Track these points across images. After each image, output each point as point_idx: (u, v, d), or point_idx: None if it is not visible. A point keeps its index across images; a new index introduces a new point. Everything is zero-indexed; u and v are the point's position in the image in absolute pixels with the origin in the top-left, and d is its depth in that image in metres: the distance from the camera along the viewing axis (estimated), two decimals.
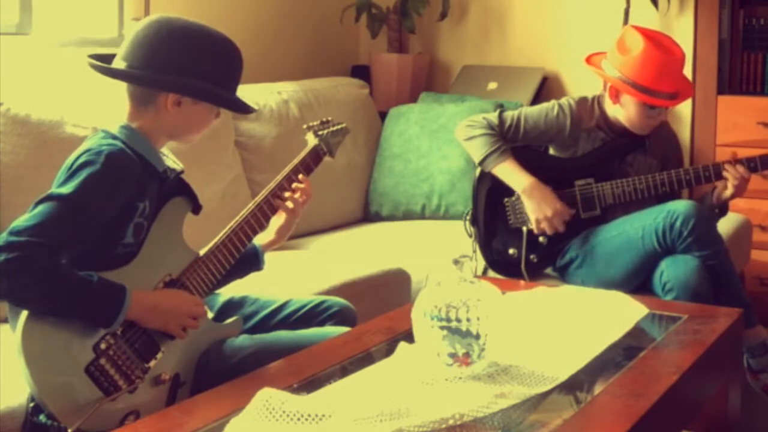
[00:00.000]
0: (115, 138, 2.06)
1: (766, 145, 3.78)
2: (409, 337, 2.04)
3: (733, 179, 3.01)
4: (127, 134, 2.07)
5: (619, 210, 3.11)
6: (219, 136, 3.30)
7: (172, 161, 2.20)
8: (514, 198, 3.14)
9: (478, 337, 1.90)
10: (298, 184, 2.33)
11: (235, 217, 2.25)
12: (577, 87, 4.16)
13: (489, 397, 1.81)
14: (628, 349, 2.16)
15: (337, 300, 2.43)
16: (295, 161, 2.35)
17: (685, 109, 4.07)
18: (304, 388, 1.91)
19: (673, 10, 4.08)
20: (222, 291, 2.37)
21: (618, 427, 1.74)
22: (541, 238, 3.12)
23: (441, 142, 3.82)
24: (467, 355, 1.90)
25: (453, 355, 1.91)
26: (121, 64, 2.08)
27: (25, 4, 3.17)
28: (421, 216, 3.83)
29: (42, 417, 1.90)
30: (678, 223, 2.89)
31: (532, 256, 3.13)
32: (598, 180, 3.12)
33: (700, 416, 2.35)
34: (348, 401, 1.78)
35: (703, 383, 2.21)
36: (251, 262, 2.34)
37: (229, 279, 2.29)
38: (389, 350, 2.11)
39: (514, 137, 3.17)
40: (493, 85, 4.27)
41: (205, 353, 2.16)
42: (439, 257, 3.26)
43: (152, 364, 2.04)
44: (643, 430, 1.76)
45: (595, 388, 1.94)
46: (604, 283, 2.94)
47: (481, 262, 3.20)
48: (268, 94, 3.63)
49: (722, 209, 3.14)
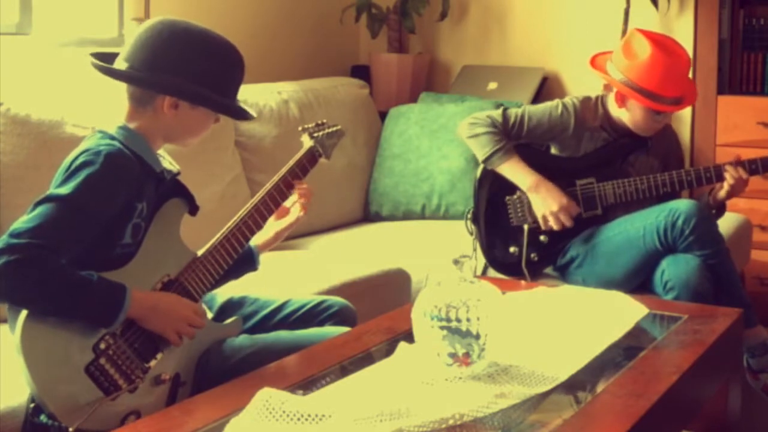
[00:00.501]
0: (113, 138, 2.06)
1: (766, 145, 3.78)
2: (409, 337, 2.04)
3: (731, 179, 3.02)
4: (125, 135, 2.08)
5: (620, 210, 3.11)
6: (219, 137, 3.30)
7: (169, 162, 2.20)
8: (516, 196, 3.14)
9: (478, 337, 1.90)
10: (300, 186, 2.33)
11: (233, 218, 2.25)
12: (577, 87, 4.16)
13: (489, 397, 1.81)
14: (628, 349, 2.16)
15: (337, 300, 2.43)
16: (291, 162, 2.35)
17: (685, 110, 4.07)
18: (304, 388, 1.90)
19: (673, 10, 4.08)
20: (222, 291, 2.37)
21: (618, 427, 1.74)
22: (542, 237, 3.12)
23: (441, 142, 3.82)
24: (467, 355, 1.90)
25: (453, 355, 1.91)
26: (123, 65, 2.08)
27: (25, 4, 3.17)
28: (421, 216, 3.83)
29: (42, 417, 1.90)
30: (679, 222, 2.89)
31: (532, 255, 3.13)
32: (600, 180, 3.12)
33: (700, 416, 2.35)
34: (348, 401, 1.78)
35: (703, 383, 2.21)
36: (246, 262, 2.34)
37: (225, 279, 2.29)
38: (389, 350, 2.11)
39: (517, 135, 3.17)
40: (493, 85, 4.27)
41: (205, 353, 2.16)
42: (439, 257, 3.26)
43: (152, 364, 2.04)
44: (643, 430, 1.76)
45: (595, 388, 1.94)
46: (605, 282, 2.94)
47: (482, 260, 3.20)
48: (268, 94, 3.63)
49: (719, 209, 3.14)
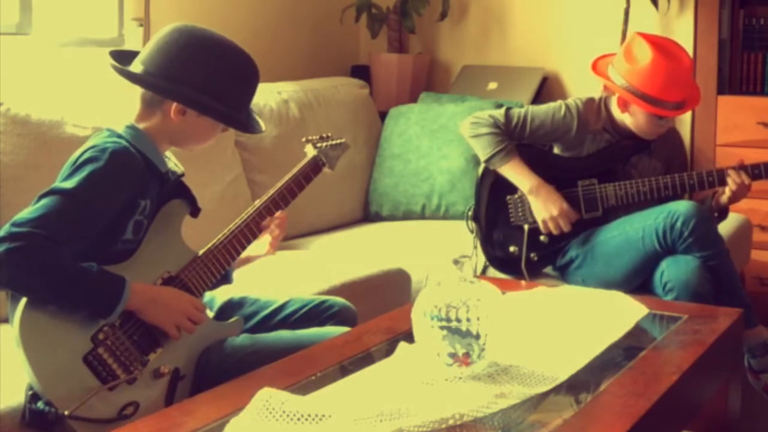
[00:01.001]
0: (120, 137, 2.09)
1: (766, 145, 3.78)
2: (409, 337, 2.04)
3: (733, 184, 3.02)
4: (132, 134, 2.11)
5: (621, 211, 3.11)
6: (219, 137, 3.25)
7: (174, 164, 2.23)
8: (517, 196, 3.14)
9: (478, 337, 1.90)
10: (278, 215, 2.32)
11: (236, 219, 2.27)
12: (577, 87, 4.16)
13: (489, 397, 1.81)
14: (628, 349, 2.16)
15: (337, 300, 2.44)
16: (295, 170, 2.38)
17: None
18: (304, 388, 1.90)
19: (673, 10, 4.08)
20: (222, 291, 2.37)
21: (618, 427, 1.74)
22: (542, 237, 3.12)
23: (441, 142, 3.82)
24: (467, 355, 1.90)
25: (453, 355, 1.91)
26: (139, 67, 2.12)
27: (25, 4, 3.17)
28: (421, 216, 3.83)
29: (40, 404, 1.92)
30: (679, 224, 2.89)
31: (532, 255, 3.13)
32: (602, 181, 3.12)
33: (700, 416, 2.35)
34: (348, 401, 1.78)
35: (703, 383, 2.21)
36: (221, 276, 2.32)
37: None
38: (389, 350, 2.11)
39: (519, 135, 3.17)
40: (493, 85, 4.27)
41: (206, 352, 2.17)
42: (439, 257, 3.26)
43: (151, 357, 2.06)
44: (643, 430, 1.76)
45: (595, 388, 1.94)
46: (605, 283, 2.94)
47: (482, 259, 3.20)
48: (268, 94, 3.63)
49: (722, 213, 3.14)
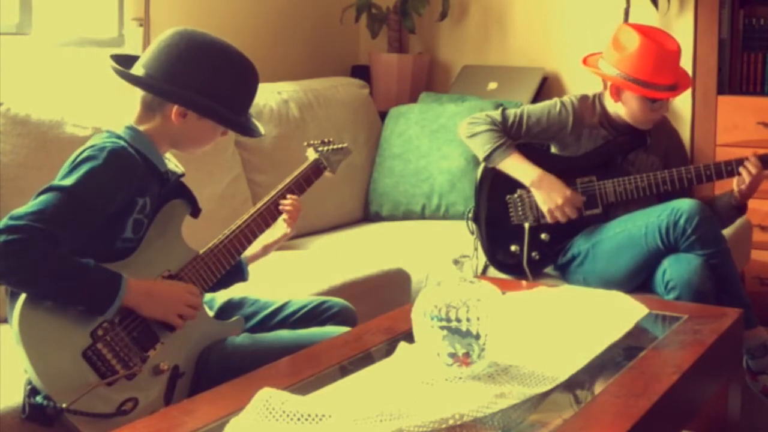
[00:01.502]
0: (120, 138, 2.11)
1: (766, 145, 3.78)
2: (409, 337, 2.04)
3: (746, 176, 3.00)
4: (132, 135, 2.12)
5: (620, 208, 3.11)
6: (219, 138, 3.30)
7: (174, 165, 2.24)
8: (516, 195, 3.14)
9: (478, 337, 1.90)
10: (285, 202, 2.35)
11: (237, 220, 2.28)
12: (577, 87, 4.16)
13: (489, 397, 1.81)
14: (628, 349, 2.16)
15: (337, 300, 2.44)
16: (297, 172, 2.40)
17: (685, 109, 4.07)
18: (304, 388, 1.90)
19: (673, 10, 4.08)
20: (222, 292, 2.38)
21: (618, 427, 1.74)
22: (543, 236, 3.12)
23: (441, 142, 3.82)
24: (467, 355, 1.90)
25: (453, 355, 1.91)
26: (140, 70, 2.14)
27: (25, 4, 3.17)
28: (421, 216, 3.83)
29: (39, 398, 1.92)
30: (682, 221, 2.89)
31: (533, 254, 3.13)
32: (600, 178, 3.12)
33: (700, 416, 2.35)
34: (348, 401, 1.78)
35: (703, 383, 2.21)
36: (236, 272, 2.35)
37: (216, 288, 2.30)
38: (389, 350, 2.11)
39: (516, 134, 3.17)
40: (493, 85, 4.27)
41: (206, 351, 2.18)
42: (439, 257, 3.26)
43: (151, 353, 2.07)
44: (643, 430, 1.76)
45: (595, 388, 1.94)
46: (606, 281, 2.94)
47: (482, 260, 3.20)
48: (268, 94, 3.63)
49: (740, 209, 3.14)
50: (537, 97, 4.14)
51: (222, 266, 2.22)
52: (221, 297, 2.39)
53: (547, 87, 4.27)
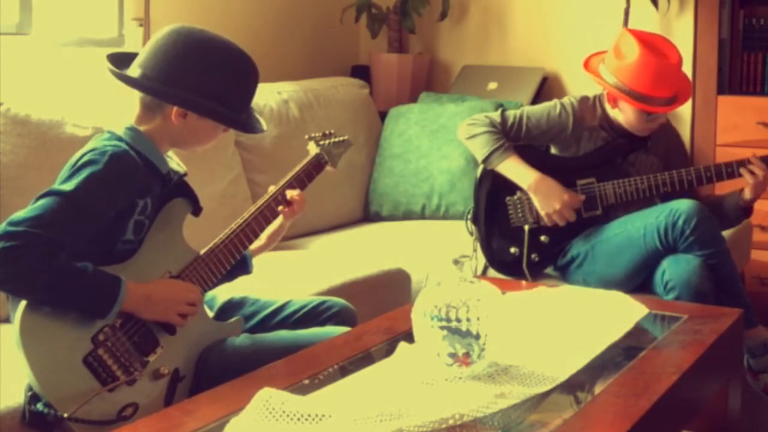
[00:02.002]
0: (120, 139, 2.08)
1: (766, 145, 3.78)
2: (409, 337, 2.04)
3: (750, 177, 3.00)
4: (132, 136, 2.10)
5: (620, 210, 3.11)
6: (219, 137, 3.29)
7: (176, 164, 2.23)
8: (516, 197, 3.14)
9: (478, 337, 1.90)
10: (293, 195, 2.34)
11: (237, 219, 2.27)
12: (577, 87, 4.16)
13: (489, 397, 1.81)
14: (628, 349, 2.16)
15: (337, 300, 2.44)
16: (297, 168, 2.38)
17: (685, 109, 4.06)
18: (304, 388, 1.90)
19: (673, 10, 4.08)
20: (222, 292, 2.38)
21: (618, 427, 1.74)
22: (543, 237, 3.12)
23: (441, 142, 3.82)
24: (467, 355, 1.90)
25: (453, 355, 1.91)
26: (137, 71, 2.11)
27: (25, 4, 3.17)
28: (421, 216, 3.83)
29: (39, 405, 1.91)
30: (680, 222, 2.89)
31: (533, 255, 3.13)
32: (600, 179, 3.12)
33: (700, 416, 2.35)
34: (348, 401, 1.78)
35: (703, 383, 2.21)
36: (240, 266, 2.34)
37: (220, 281, 2.30)
38: (389, 350, 2.11)
39: (516, 136, 3.17)
40: (493, 85, 4.27)
41: (206, 352, 2.17)
42: (439, 257, 3.26)
43: (151, 358, 2.06)
44: (643, 430, 1.76)
45: (595, 388, 1.94)
46: (606, 282, 2.94)
47: (482, 260, 3.20)
48: (268, 94, 3.63)
49: (747, 211, 3.14)
50: (537, 98, 4.14)
51: (223, 266, 2.21)
52: (221, 297, 2.38)
53: (547, 87, 4.27)
